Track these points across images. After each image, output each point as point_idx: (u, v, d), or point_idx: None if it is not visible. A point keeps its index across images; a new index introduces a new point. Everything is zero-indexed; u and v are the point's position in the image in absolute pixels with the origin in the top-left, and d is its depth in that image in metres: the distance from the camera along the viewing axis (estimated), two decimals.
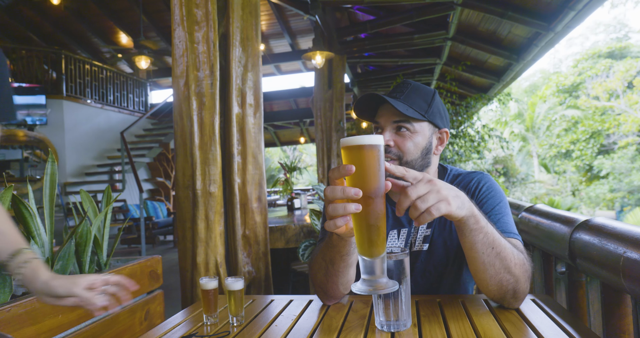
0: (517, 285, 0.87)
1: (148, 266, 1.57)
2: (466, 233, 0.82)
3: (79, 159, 8.48)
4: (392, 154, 1.05)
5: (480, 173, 1.12)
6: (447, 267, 1.08)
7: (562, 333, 0.79)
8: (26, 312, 1.00)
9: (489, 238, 0.83)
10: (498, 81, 6.87)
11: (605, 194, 16.91)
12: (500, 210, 1.03)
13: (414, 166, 1.07)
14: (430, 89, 1.11)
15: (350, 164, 0.69)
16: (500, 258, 0.84)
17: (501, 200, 1.05)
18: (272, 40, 9.94)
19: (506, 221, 1.02)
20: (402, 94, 1.07)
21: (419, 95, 1.08)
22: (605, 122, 18.07)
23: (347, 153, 0.71)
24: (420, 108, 1.06)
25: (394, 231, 1.12)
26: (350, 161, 0.70)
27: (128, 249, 7.51)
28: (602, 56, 20.56)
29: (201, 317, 0.99)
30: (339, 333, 0.84)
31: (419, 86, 1.10)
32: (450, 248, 1.07)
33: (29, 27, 9.59)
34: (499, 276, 0.85)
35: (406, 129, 1.05)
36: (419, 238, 1.10)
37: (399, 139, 1.06)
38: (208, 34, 2.19)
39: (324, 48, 5.28)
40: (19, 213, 1.16)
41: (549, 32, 4.57)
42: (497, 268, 0.84)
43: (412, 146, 1.05)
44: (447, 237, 1.08)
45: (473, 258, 0.85)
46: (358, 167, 0.69)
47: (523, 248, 0.94)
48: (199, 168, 2.13)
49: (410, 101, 1.06)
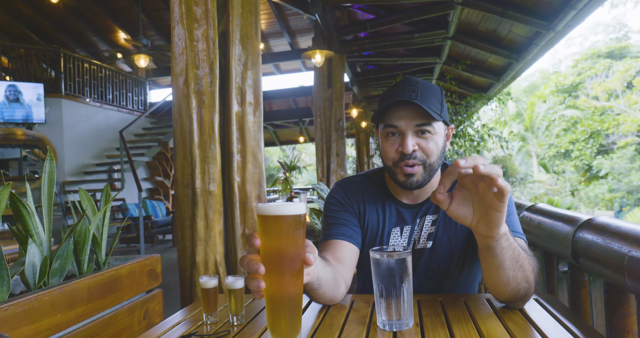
0: (530, 290, 0.87)
1: (147, 265, 1.55)
2: (497, 252, 0.80)
3: (78, 158, 8.46)
4: (417, 160, 1.01)
5: None
6: (451, 265, 1.07)
7: (566, 332, 0.78)
8: (24, 310, 0.99)
9: (515, 253, 0.81)
10: (498, 81, 6.87)
11: (604, 195, 16.94)
12: (508, 210, 1.01)
13: (435, 166, 1.04)
14: (437, 87, 1.07)
15: (255, 237, 0.64)
16: (522, 269, 0.83)
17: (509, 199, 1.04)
18: (271, 40, 9.93)
19: (513, 221, 1.01)
20: (416, 94, 1.00)
21: (432, 94, 1.02)
22: (605, 122, 18.10)
23: (260, 222, 0.66)
24: (436, 108, 1.01)
25: (397, 229, 1.11)
26: (264, 232, 0.65)
27: (127, 248, 7.49)
28: (601, 56, 20.58)
29: (200, 316, 0.98)
30: (340, 332, 0.83)
31: (427, 84, 1.05)
32: (455, 247, 1.06)
33: (28, 26, 9.57)
34: (518, 286, 0.85)
35: (428, 131, 1.01)
36: (423, 236, 1.09)
37: (423, 142, 1.01)
38: (208, 31, 2.18)
39: (324, 47, 5.27)
40: (17, 211, 1.14)
41: (549, 31, 4.57)
42: (519, 280, 0.84)
43: (435, 147, 1.02)
44: (452, 235, 1.07)
45: (498, 274, 0.83)
46: (271, 240, 0.64)
47: (528, 248, 0.93)
48: (198, 166, 2.12)
49: (427, 101, 1.00)
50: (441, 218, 1.08)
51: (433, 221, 1.09)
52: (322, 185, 2.87)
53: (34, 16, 9.11)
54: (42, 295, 1.04)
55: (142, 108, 10.63)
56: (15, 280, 1.16)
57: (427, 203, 1.11)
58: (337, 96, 6.04)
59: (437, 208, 1.10)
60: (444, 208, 0.79)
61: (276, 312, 0.66)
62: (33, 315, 1.01)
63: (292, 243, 0.65)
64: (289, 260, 0.65)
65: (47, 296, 1.06)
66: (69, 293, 1.13)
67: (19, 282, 1.16)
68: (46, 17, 9.21)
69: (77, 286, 1.17)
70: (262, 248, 0.65)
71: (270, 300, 0.66)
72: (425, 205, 1.11)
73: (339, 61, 6.14)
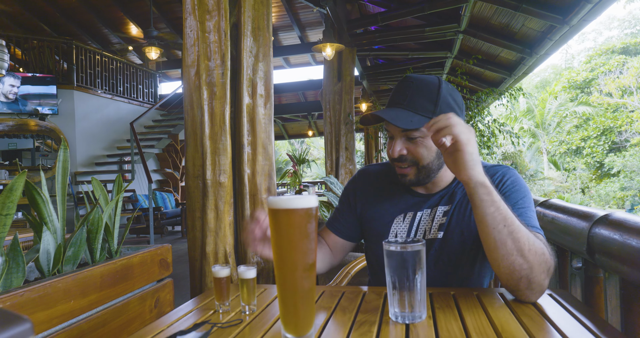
0: (531, 273, 0.85)
1: (158, 255, 1.57)
2: (477, 203, 0.86)
3: (89, 149, 8.54)
4: (408, 162, 1.05)
5: (506, 166, 1.11)
6: (462, 258, 1.07)
7: (581, 326, 0.77)
8: (39, 296, 1.00)
9: (501, 214, 0.85)
10: (510, 76, 6.78)
11: (615, 193, 16.72)
12: (524, 204, 1.02)
13: (432, 168, 1.06)
14: (434, 82, 1.03)
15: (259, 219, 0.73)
16: (512, 238, 0.84)
17: (525, 194, 1.04)
18: (281, 33, 9.90)
19: (529, 216, 1.00)
20: (405, 98, 1.02)
21: (423, 95, 1.02)
22: (618, 120, 17.83)
23: (271, 216, 0.66)
24: (426, 111, 1.01)
25: (400, 216, 1.12)
26: (275, 226, 0.65)
27: (137, 239, 7.58)
28: (615, 51, 20.24)
29: (211, 306, 0.99)
30: (352, 323, 0.83)
31: (421, 82, 1.03)
32: (467, 239, 1.06)
33: (41, 17, 9.64)
34: (510, 257, 0.85)
35: (417, 136, 1.03)
36: (435, 226, 1.09)
37: (412, 146, 1.04)
38: (219, 23, 2.17)
39: (334, 40, 5.24)
40: (32, 199, 1.16)
41: (564, 25, 4.49)
42: (509, 249, 0.84)
43: (426, 151, 1.04)
44: (465, 228, 1.06)
45: (484, 233, 0.87)
46: (283, 234, 0.64)
47: (546, 242, 0.92)
48: (209, 157, 2.12)
49: (414, 105, 1.01)
50: (454, 210, 1.08)
51: (445, 212, 1.09)
52: (332, 178, 2.87)
53: (47, 8, 9.17)
54: (56, 281, 1.06)
55: (153, 100, 10.69)
56: (30, 267, 1.17)
57: (440, 193, 1.11)
58: (346, 90, 6.01)
59: (451, 199, 1.10)
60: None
61: (289, 306, 0.65)
62: (47, 301, 1.03)
63: (304, 236, 0.64)
64: (301, 254, 0.64)
65: (61, 283, 1.07)
66: (82, 281, 1.14)
67: (33, 269, 1.18)
68: (58, 9, 9.26)
69: (90, 274, 1.18)
70: (274, 242, 0.65)
71: (283, 294, 0.65)
72: (438, 195, 1.12)
73: (349, 55, 6.10)
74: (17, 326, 0.26)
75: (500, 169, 1.09)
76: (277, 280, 0.67)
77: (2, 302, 0.92)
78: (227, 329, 0.83)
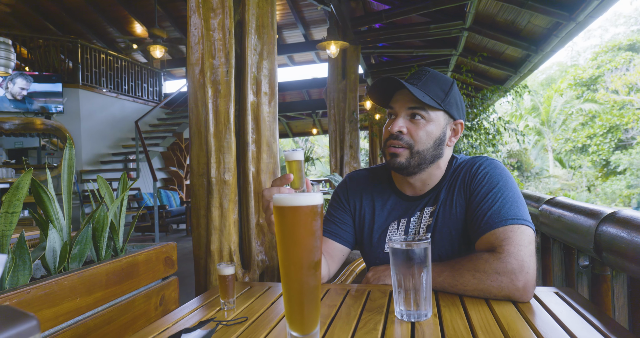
0: (500, 291, 0.88)
1: (163, 253, 1.57)
2: None
3: (95, 148, 8.58)
4: (403, 142, 1.03)
5: (483, 157, 1.08)
6: (454, 256, 1.06)
7: (588, 324, 0.76)
8: (45, 294, 1.01)
9: (441, 284, 0.94)
10: (515, 73, 6.74)
11: (621, 191, 16.60)
12: (497, 195, 0.98)
13: (425, 155, 1.04)
14: (449, 79, 1.08)
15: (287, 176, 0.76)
16: (464, 291, 0.91)
17: (499, 182, 1.00)
18: (285, 31, 9.89)
19: (506, 206, 0.96)
20: (420, 80, 1.05)
21: (437, 83, 1.05)
22: (624, 117, 17.67)
23: (276, 213, 0.65)
24: (437, 96, 1.03)
25: (395, 223, 1.12)
26: (281, 223, 0.65)
27: (142, 237, 7.62)
28: (622, 48, 20.05)
29: (216, 304, 0.99)
30: (357, 321, 0.82)
31: (437, 74, 1.08)
32: (455, 238, 1.05)
33: (47, 17, 9.68)
34: (476, 293, 0.91)
35: (421, 116, 1.03)
36: (422, 228, 1.08)
37: (412, 126, 1.03)
38: (224, 21, 2.17)
39: (339, 38, 5.23)
40: (38, 197, 1.16)
41: (570, 22, 4.46)
42: (471, 293, 0.91)
43: (425, 135, 1.03)
44: (452, 227, 1.05)
45: None
46: (288, 231, 0.64)
47: (521, 239, 0.91)
48: (213, 155, 2.13)
49: (428, 88, 1.03)
50: (439, 210, 1.07)
51: (431, 213, 1.08)
52: (336, 176, 2.86)
53: (52, 7, 9.21)
54: (62, 279, 1.06)
55: (157, 99, 10.72)
56: (36, 265, 1.18)
57: (429, 195, 1.11)
58: (351, 88, 6.00)
59: (436, 199, 1.09)
60: None
61: (294, 304, 0.65)
62: (54, 298, 1.03)
63: (309, 234, 0.64)
64: (306, 252, 0.64)
65: (67, 280, 1.08)
66: (88, 278, 1.15)
67: (39, 267, 1.18)
68: (64, 8, 9.30)
69: (96, 271, 1.19)
70: (279, 240, 0.65)
71: (289, 292, 0.65)
72: (427, 197, 1.11)
73: (353, 52, 6.09)
74: (24, 323, 0.26)
75: (478, 160, 1.07)
76: (282, 277, 0.67)
77: (9, 299, 0.92)
78: (232, 327, 0.83)
